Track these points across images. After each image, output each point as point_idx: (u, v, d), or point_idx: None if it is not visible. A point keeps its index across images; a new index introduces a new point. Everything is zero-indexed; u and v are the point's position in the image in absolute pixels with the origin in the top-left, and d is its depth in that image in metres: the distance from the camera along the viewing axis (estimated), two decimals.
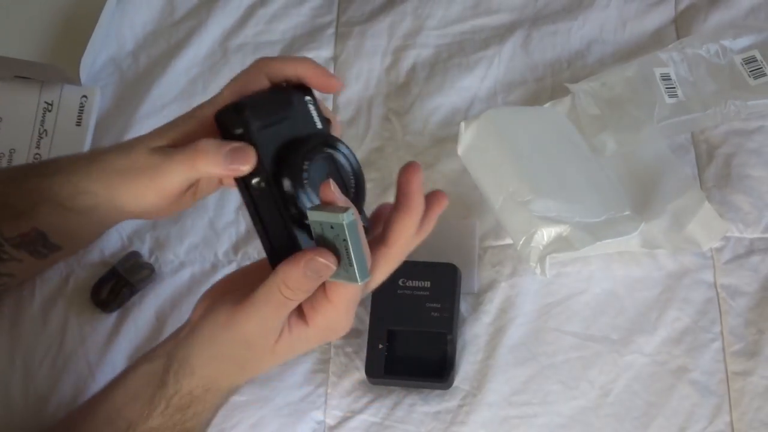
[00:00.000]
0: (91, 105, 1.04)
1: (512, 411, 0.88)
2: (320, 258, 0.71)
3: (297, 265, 0.71)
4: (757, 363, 0.88)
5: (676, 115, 0.97)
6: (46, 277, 0.97)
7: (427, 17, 1.08)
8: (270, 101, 0.74)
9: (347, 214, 0.69)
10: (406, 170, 0.75)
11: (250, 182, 0.73)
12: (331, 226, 0.69)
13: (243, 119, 0.73)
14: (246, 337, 0.75)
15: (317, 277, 0.72)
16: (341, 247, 0.70)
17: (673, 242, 0.91)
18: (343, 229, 0.69)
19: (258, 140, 0.73)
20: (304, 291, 0.73)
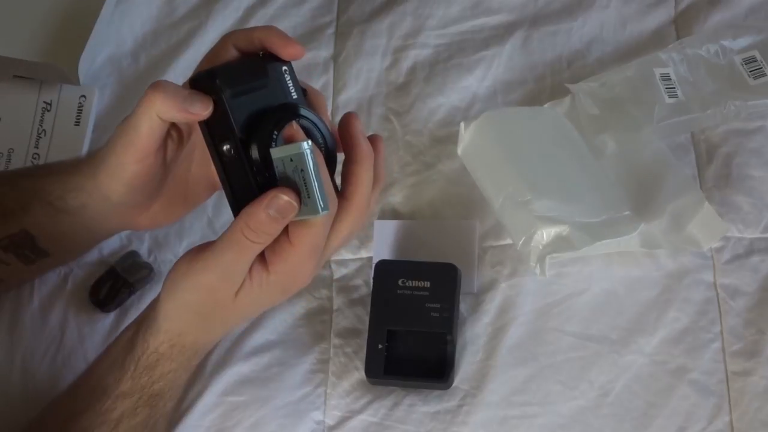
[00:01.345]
0: (89, 105, 1.04)
1: (512, 411, 0.88)
2: (283, 195, 0.71)
3: (259, 204, 0.71)
4: (756, 363, 0.88)
5: (675, 115, 0.97)
6: (44, 277, 0.97)
7: (427, 17, 1.08)
8: (244, 70, 0.75)
9: (304, 143, 0.70)
10: (346, 121, 0.76)
11: (222, 149, 0.74)
12: (290, 158, 0.70)
13: (215, 86, 0.73)
14: (207, 283, 0.75)
15: (280, 217, 0.71)
16: (301, 181, 0.71)
17: (672, 242, 0.91)
18: (302, 158, 0.70)
19: (230, 106, 0.73)
20: (268, 233, 0.72)
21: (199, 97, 0.73)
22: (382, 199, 0.98)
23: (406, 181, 0.99)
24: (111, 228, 0.90)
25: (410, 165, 1.00)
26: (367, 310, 0.92)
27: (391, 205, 0.98)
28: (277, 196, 0.71)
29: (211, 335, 0.81)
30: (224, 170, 0.74)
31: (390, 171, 1.00)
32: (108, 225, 0.88)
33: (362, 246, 0.96)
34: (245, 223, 0.72)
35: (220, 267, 0.74)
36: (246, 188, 0.74)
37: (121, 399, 0.79)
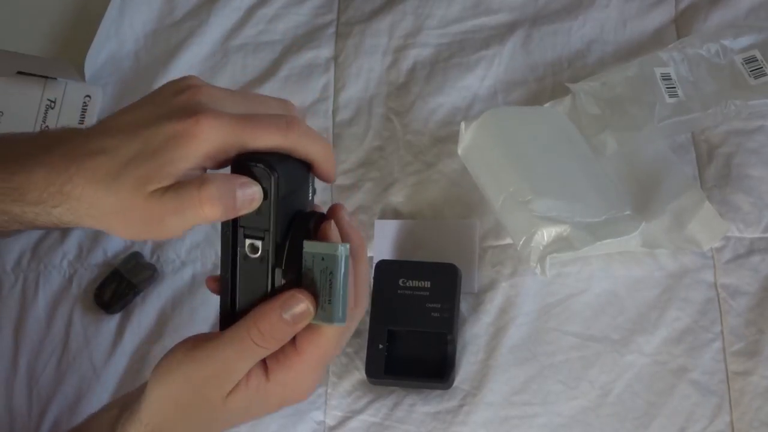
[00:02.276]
0: (94, 104, 1.05)
1: (512, 411, 0.88)
2: (302, 297, 0.66)
3: (273, 305, 0.66)
4: (757, 363, 0.88)
5: (676, 115, 0.97)
6: (49, 278, 0.97)
7: (428, 17, 1.08)
8: (294, 171, 0.68)
9: (343, 246, 0.66)
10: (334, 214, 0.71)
11: (245, 245, 0.67)
12: (322, 257, 0.66)
13: (269, 182, 0.66)
14: (198, 378, 0.68)
15: (293, 322, 0.66)
16: (326, 284, 0.66)
17: (673, 242, 0.91)
18: (335, 261, 0.66)
19: (276, 208, 0.67)
20: (277, 338, 0.67)
21: (251, 194, 0.65)
22: (384, 199, 0.98)
23: (406, 180, 0.99)
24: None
25: (411, 165, 1.00)
26: (367, 310, 0.92)
27: (392, 205, 0.98)
28: (295, 297, 0.66)
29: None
30: (234, 267, 0.68)
31: (391, 170, 1.00)
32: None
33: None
34: (254, 324, 0.66)
35: (216, 364, 0.67)
36: (256, 289, 0.68)
37: None
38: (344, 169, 1.01)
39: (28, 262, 0.99)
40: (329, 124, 1.03)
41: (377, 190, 0.99)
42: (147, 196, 0.64)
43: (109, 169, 0.65)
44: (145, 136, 0.65)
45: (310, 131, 0.68)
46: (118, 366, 0.94)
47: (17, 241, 1.00)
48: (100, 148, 0.65)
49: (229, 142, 0.64)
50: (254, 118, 0.66)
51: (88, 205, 0.66)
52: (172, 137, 0.64)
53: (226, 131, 0.64)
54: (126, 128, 0.66)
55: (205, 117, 0.64)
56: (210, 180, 0.64)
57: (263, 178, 0.65)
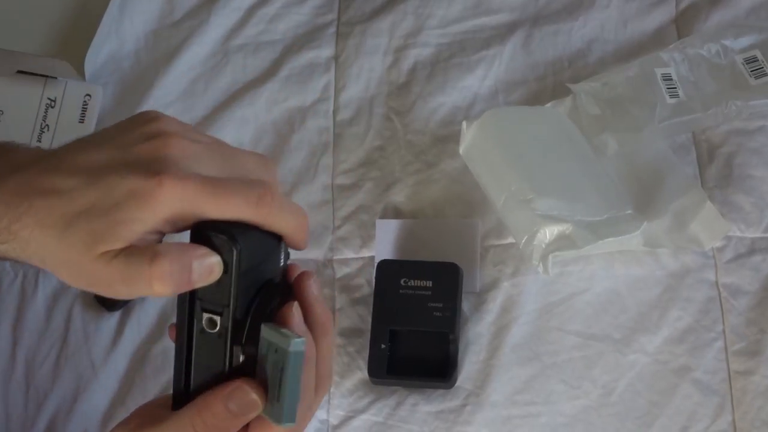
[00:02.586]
0: (94, 103, 1.04)
1: (515, 410, 0.88)
2: (249, 389, 0.61)
3: (219, 395, 0.61)
4: (758, 362, 0.88)
5: (677, 115, 0.97)
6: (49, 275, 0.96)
7: (428, 17, 1.08)
8: (259, 242, 0.63)
9: (297, 341, 0.60)
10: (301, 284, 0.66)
11: (202, 319, 0.63)
12: (275, 349, 0.61)
13: (230, 255, 0.61)
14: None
15: (240, 414, 0.61)
16: (276, 379, 0.61)
17: (674, 241, 0.91)
18: (286, 357, 0.60)
19: (237, 282, 0.62)
20: (222, 430, 0.62)
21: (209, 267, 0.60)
22: (385, 199, 0.98)
23: (407, 180, 0.99)
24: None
25: (412, 164, 1.00)
26: (369, 310, 0.92)
27: (393, 205, 0.98)
28: (242, 389, 0.61)
29: None
30: (190, 341, 0.63)
31: (392, 170, 1.00)
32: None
33: (364, 245, 0.96)
34: (198, 414, 0.62)
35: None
36: (213, 366, 0.63)
37: None
38: (345, 168, 1.01)
39: None
40: (330, 124, 1.03)
41: (378, 189, 0.99)
42: (96, 257, 0.59)
43: (62, 215, 0.60)
44: (103, 185, 0.60)
45: (283, 203, 0.63)
46: (118, 364, 0.93)
47: None
48: (55, 188, 0.60)
49: (192, 209, 0.60)
50: (223, 186, 0.60)
51: (36, 248, 0.61)
52: (131, 195, 0.59)
53: (189, 197, 0.59)
54: (85, 170, 0.61)
55: (168, 178, 0.59)
56: (162, 254, 0.59)
57: (224, 250, 0.60)
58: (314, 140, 1.02)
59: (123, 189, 0.59)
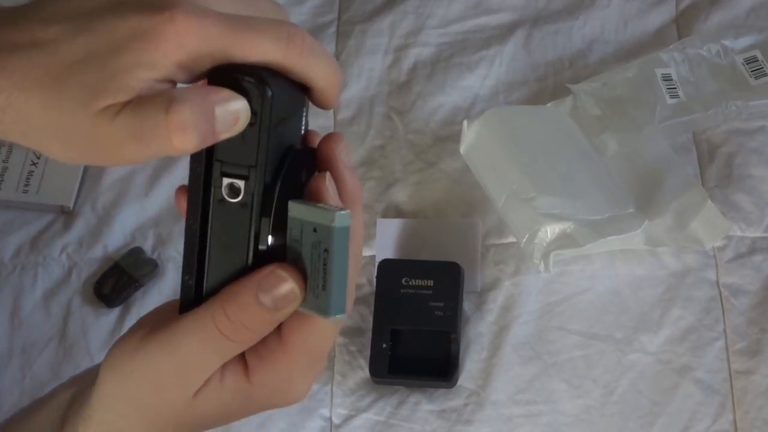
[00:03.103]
0: None
1: (516, 410, 0.88)
2: (286, 275, 0.51)
3: (248, 286, 0.51)
4: (759, 362, 0.88)
5: (677, 116, 0.97)
6: (48, 269, 0.97)
7: (428, 16, 1.08)
8: (289, 92, 0.53)
9: (342, 214, 0.50)
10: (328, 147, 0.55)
11: (221, 181, 0.52)
12: (314, 228, 0.50)
13: (267, 100, 0.51)
14: (156, 376, 0.54)
15: (274, 309, 0.51)
16: (319, 265, 0.51)
17: (676, 240, 0.91)
18: (331, 235, 0.50)
19: (269, 140, 0.51)
20: (251, 330, 0.52)
21: (235, 112, 0.50)
22: (386, 198, 0.98)
23: (408, 179, 0.99)
24: None
25: (413, 164, 1.00)
26: (370, 309, 0.92)
27: (394, 204, 0.98)
28: (277, 275, 0.51)
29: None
30: (205, 214, 0.53)
31: (393, 170, 1.00)
32: None
33: (365, 244, 0.96)
34: (222, 308, 0.52)
35: (175, 359, 0.53)
36: (232, 252, 0.52)
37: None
38: None
39: (27, 254, 0.98)
40: (330, 123, 1.03)
41: (379, 189, 0.99)
42: (96, 114, 0.48)
43: (46, 71, 0.49)
44: (98, 30, 0.49)
45: (315, 47, 0.52)
46: None
47: (16, 233, 0.99)
48: (34, 41, 0.49)
49: (211, 50, 0.49)
50: (248, 22, 0.50)
51: (14, 119, 0.49)
52: (136, 36, 0.48)
53: (208, 35, 0.49)
54: (71, 15, 0.50)
55: (182, 13, 0.48)
56: (181, 98, 0.48)
57: (253, 94, 0.50)
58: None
59: (125, 30, 0.48)
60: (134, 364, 0.54)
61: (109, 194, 1.00)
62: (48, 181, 1.00)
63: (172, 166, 1.01)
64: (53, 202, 1.00)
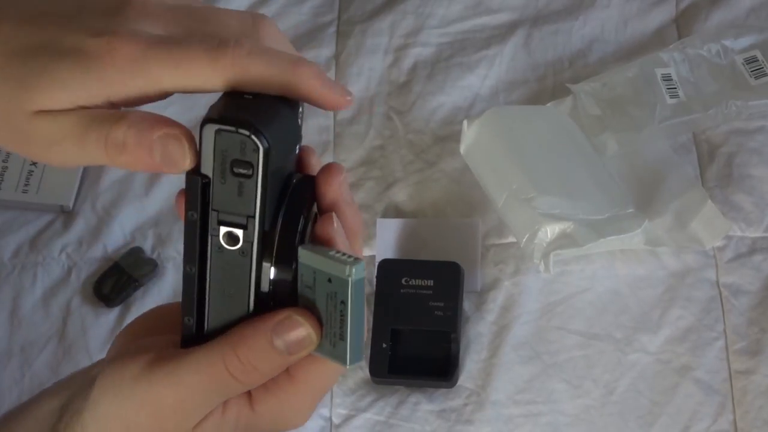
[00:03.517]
0: None
1: (516, 410, 0.88)
2: (301, 320, 0.50)
3: (262, 328, 0.51)
4: (759, 362, 0.88)
5: (677, 116, 0.97)
6: (48, 269, 0.97)
7: (428, 16, 1.08)
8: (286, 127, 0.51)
9: (357, 268, 0.50)
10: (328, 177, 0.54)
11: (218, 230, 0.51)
12: (329, 279, 0.50)
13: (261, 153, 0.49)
14: (158, 407, 0.53)
15: (288, 353, 0.51)
16: (333, 312, 0.51)
17: (675, 240, 0.91)
18: (346, 288, 0.50)
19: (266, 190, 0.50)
20: (261, 373, 0.52)
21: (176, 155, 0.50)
22: (385, 198, 0.98)
23: (408, 179, 0.99)
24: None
25: (412, 163, 1.00)
26: (370, 309, 0.92)
27: (394, 204, 0.98)
28: (293, 320, 0.50)
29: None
30: (203, 262, 0.52)
31: (392, 169, 1.00)
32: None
33: (365, 244, 0.96)
34: (234, 351, 0.51)
35: (180, 392, 0.52)
36: (234, 299, 0.52)
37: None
38: (345, 168, 1.00)
39: (27, 254, 0.98)
40: (330, 123, 1.03)
41: (379, 188, 0.99)
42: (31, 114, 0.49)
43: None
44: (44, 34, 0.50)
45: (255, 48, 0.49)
46: None
47: (15, 233, 0.99)
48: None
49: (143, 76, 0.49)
50: (177, 44, 0.49)
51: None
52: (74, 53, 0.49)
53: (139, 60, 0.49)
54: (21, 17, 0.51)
55: (118, 40, 0.49)
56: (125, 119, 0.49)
57: (247, 150, 0.49)
58: (315, 139, 1.02)
59: (65, 44, 0.49)
60: (135, 389, 0.53)
61: (108, 194, 1.00)
62: (48, 181, 1.00)
63: None
64: (53, 201, 1.00)
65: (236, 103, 0.50)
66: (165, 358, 0.53)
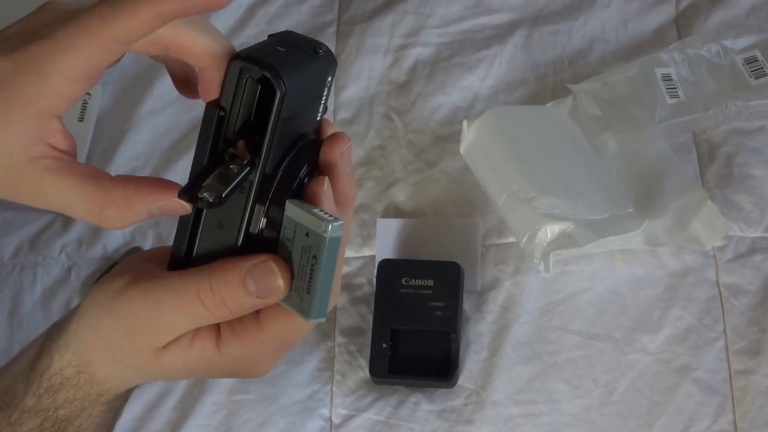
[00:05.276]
0: (94, 102, 1.04)
1: (516, 410, 0.88)
2: (277, 269, 0.53)
3: (239, 267, 0.54)
4: (759, 362, 0.88)
5: (677, 116, 0.97)
6: (48, 269, 0.97)
7: (428, 16, 1.08)
8: (309, 76, 0.54)
9: (335, 226, 0.52)
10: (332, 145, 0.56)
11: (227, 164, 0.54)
12: (306, 233, 0.53)
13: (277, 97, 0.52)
14: (130, 323, 0.57)
15: (257, 296, 0.54)
16: (306, 268, 0.53)
17: (675, 240, 0.91)
18: (322, 244, 0.52)
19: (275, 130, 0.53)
20: (230, 309, 0.55)
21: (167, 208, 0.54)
22: (385, 198, 0.98)
23: (408, 179, 0.99)
24: None
25: (412, 163, 1.00)
26: (370, 309, 0.92)
27: (394, 204, 0.98)
28: (268, 266, 0.53)
29: (123, 381, 0.63)
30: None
31: (392, 169, 1.00)
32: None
33: (365, 244, 0.96)
34: (208, 281, 0.54)
35: (153, 310, 0.56)
36: (223, 232, 0.55)
37: (27, 416, 0.63)
38: None
39: (26, 253, 0.98)
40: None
41: (379, 188, 0.99)
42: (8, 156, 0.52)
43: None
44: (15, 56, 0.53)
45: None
46: None
47: (15, 233, 1.00)
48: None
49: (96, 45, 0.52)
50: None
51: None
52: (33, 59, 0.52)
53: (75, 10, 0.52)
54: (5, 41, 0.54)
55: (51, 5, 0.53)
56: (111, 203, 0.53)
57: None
58: None
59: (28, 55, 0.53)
60: (114, 303, 0.57)
61: None
62: None
63: (173, 166, 1.01)
64: None
65: (267, 49, 0.53)
66: (147, 277, 0.56)
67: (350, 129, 1.02)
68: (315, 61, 0.55)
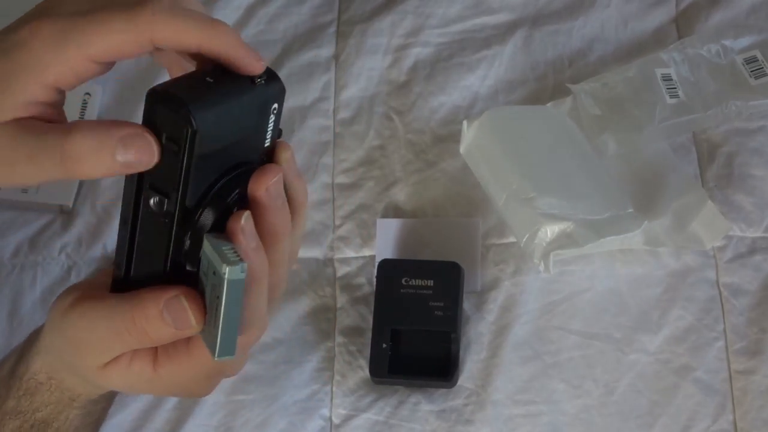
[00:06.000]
0: (94, 102, 1.04)
1: (516, 410, 0.88)
2: (186, 304, 0.54)
3: (155, 298, 0.55)
4: (759, 362, 0.88)
5: (677, 116, 0.97)
6: (48, 268, 0.97)
7: (428, 16, 1.08)
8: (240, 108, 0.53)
9: (235, 267, 0.52)
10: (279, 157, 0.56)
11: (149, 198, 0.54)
12: (213, 271, 0.52)
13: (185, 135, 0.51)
14: (73, 340, 0.60)
15: (173, 327, 0.55)
16: (213, 303, 0.54)
17: (675, 241, 0.91)
18: (222, 285, 0.52)
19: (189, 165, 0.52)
20: (151, 337, 0.56)
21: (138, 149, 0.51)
22: (385, 198, 0.98)
23: (408, 179, 0.99)
24: None
25: (412, 163, 1.00)
26: (370, 309, 0.92)
27: (394, 204, 0.98)
28: (179, 301, 0.54)
29: (85, 389, 0.66)
30: (135, 219, 0.55)
31: (392, 169, 1.00)
32: None
33: (365, 244, 0.96)
34: (131, 314, 0.56)
35: (90, 333, 0.58)
36: (153, 259, 0.55)
37: (8, 417, 0.67)
38: (345, 167, 1.00)
39: (26, 253, 0.98)
40: (330, 123, 1.03)
41: (379, 188, 0.99)
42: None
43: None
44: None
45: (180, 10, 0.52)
46: None
47: (15, 233, 0.99)
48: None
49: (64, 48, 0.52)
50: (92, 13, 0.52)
51: None
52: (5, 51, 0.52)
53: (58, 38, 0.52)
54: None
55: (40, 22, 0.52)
56: (80, 129, 0.51)
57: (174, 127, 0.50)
58: (315, 139, 1.02)
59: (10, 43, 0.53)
60: (61, 322, 0.59)
61: (108, 194, 1.00)
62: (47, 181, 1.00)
63: None
64: (52, 201, 1.00)
65: (189, 83, 0.52)
66: (88, 298, 0.58)
67: (350, 129, 1.02)
68: (249, 92, 0.54)
